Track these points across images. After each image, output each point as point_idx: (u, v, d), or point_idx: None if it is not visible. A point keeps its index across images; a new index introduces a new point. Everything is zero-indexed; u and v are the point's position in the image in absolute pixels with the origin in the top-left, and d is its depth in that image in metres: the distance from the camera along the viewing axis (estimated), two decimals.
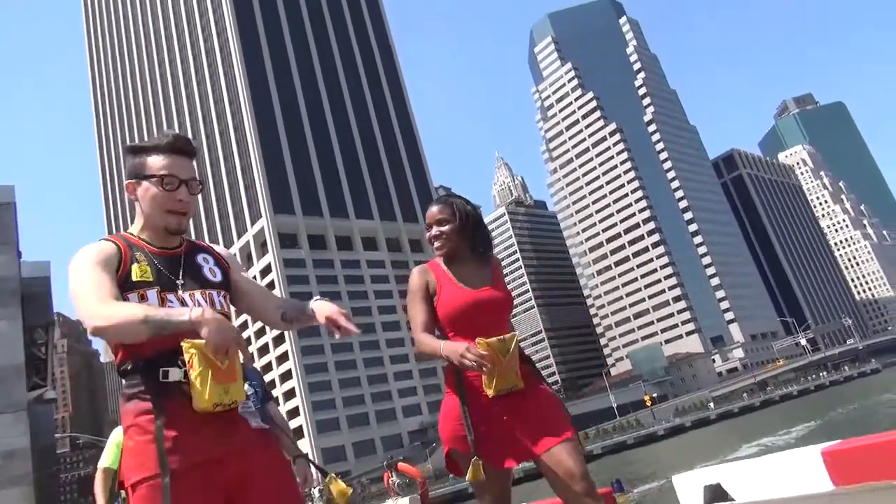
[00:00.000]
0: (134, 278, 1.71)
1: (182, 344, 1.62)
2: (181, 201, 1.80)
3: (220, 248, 1.99)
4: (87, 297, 1.63)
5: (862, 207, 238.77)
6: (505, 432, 2.21)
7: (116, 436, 3.65)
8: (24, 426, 7.53)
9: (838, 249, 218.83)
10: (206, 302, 1.78)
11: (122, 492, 1.74)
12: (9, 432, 7.32)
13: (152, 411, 1.61)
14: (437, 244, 2.39)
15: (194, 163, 1.88)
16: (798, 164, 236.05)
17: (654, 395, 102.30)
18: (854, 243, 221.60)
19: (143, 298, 1.69)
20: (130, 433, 1.65)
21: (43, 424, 11.58)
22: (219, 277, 1.87)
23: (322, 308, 1.80)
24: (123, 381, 1.71)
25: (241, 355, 1.66)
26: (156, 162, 1.80)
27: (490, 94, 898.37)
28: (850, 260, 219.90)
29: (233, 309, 1.93)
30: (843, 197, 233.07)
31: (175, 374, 1.63)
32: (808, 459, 2.70)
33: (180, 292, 1.75)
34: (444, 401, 2.35)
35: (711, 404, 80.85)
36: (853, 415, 34.10)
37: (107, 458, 3.62)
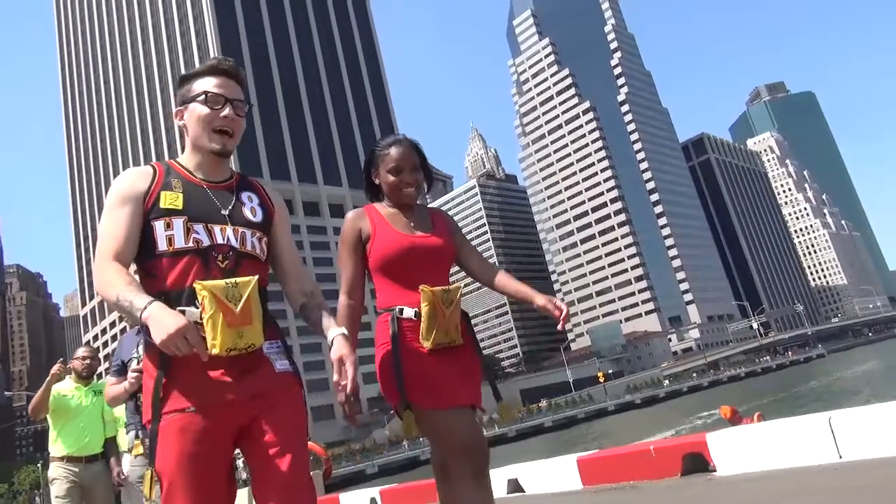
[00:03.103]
0: (161, 205, 1.69)
1: (194, 285, 1.62)
2: (226, 118, 1.78)
3: (271, 191, 1.95)
4: (98, 251, 1.66)
5: (824, 197, 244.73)
6: (434, 378, 2.11)
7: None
8: None
9: (798, 237, 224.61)
10: (237, 240, 1.73)
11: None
12: None
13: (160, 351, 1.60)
14: (409, 191, 2.27)
15: (240, 87, 1.86)
16: (765, 150, 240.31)
17: (611, 371, 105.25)
18: (813, 231, 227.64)
19: (168, 227, 1.67)
20: (146, 373, 1.68)
21: None
22: (258, 217, 1.82)
23: (338, 348, 1.74)
24: None
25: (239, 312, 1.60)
26: (201, 84, 1.80)
27: (467, 64, 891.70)
28: (808, 247, 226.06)
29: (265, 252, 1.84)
30: (806, 185, 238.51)
31: (192, 314, 1.61)
32: (565, 465, 3.57)
33: (209, 224, 1.71)
34: (376, 353, 2.22)
35: (667, 382, 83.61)
36: (778, 401, 36.00)
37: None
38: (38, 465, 62.70)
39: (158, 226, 1.68)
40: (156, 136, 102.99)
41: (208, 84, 1.80)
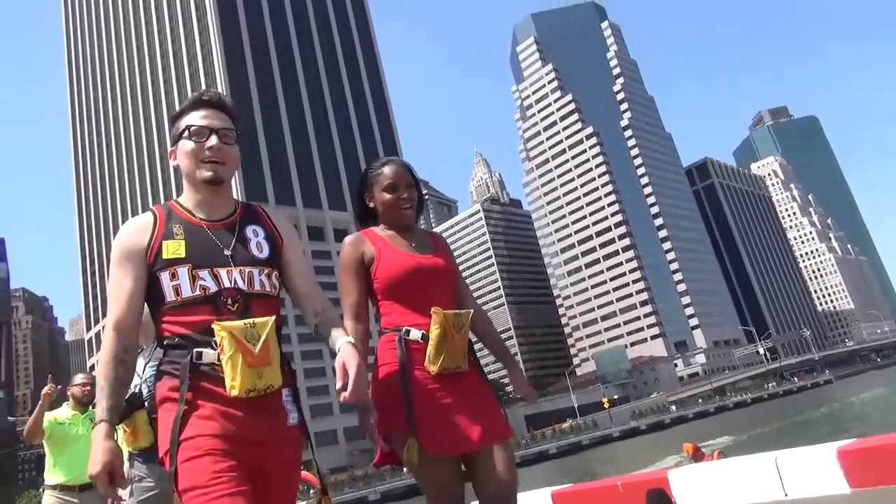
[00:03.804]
0: (164, 256, 1.68)
1: (213, 326, 1.60)
2: (212, 148, 1.75)
3: (278, 219, 1.90)
4: (108, 313, 1.69)
5: (829, 221, 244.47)
6: (445, 414, 2.01)
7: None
8: None
9: (803, 261, 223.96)
10: (244, 281, 1.69)
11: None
12: None
13: (179, 389, 1.60)
14: (408, 211, 2.22)
15: (227, 115, 1.83)
16: (769, 175, 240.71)
17: (616, 396, 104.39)
18: (819, 256, 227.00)
19: (173, 277, 1.66)
20: (166, 406, 1.64)
21: None
22: (265, 253, 1.78)
23: (343, 354, 1.69)
24: (162, 355, 1.69)
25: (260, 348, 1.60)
26: (187, 120, 1.79)
27: (471, 89, 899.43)
28: (814, 272, 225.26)
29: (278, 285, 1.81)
30: (811, 210, 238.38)
31: (209, 356, 1.60)
32: (540, 499, 3.69)
33: (214, 268, 1.68)
34: (376, 374, 2.12)
35: (673, 407, 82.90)
36: (776, 430, 35.73)
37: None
38: (40, 489, 62.40)
39: (164, 277, 1.66)
40: (163, 161, 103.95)
41: (193, 118, 1.78)
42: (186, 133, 1.77)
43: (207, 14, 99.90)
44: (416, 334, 2.08)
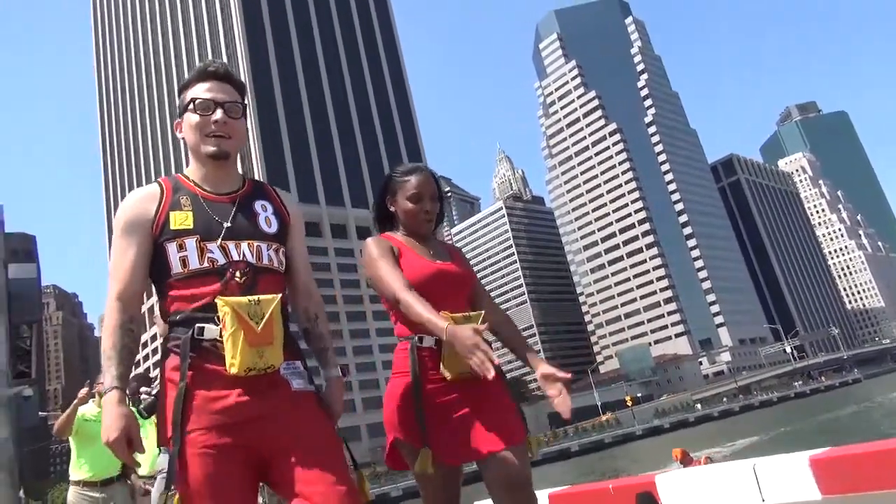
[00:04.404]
0: (172, 226, 1.65)
1: (216, 301, 1.57)
2: (217, 122, 1.72)
3: (287, 198, 1.87)
4: (109, 285, 1.65)
5: (859, 217, 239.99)
6: (457, 424, 2.00)
7: None
8: (3, 419, 8.62)
9: (832, 258, 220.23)
10: (253, 254, 1.67)
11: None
12: None
13: (180, 368, 1.57)
14: (428, 220, 2.22)
15: (234, 88, 1.79)
16: (797, 171, 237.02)
17: (640, 394, 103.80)
18: (848, 253, 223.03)
19: (181, 248, 1.63)
20: (166, 388, 1.62)
21: (27, 411, 12.68)
22: (273, 228, 1.76)
23: (331, 391, 1.72)
24: (168, 332, 1.65)
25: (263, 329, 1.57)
26: (192, 92, 1.76)
27: (494, 86, 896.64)
28: (843, 269, 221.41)
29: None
30: (840, 206, 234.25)
31: (211, 332, 1.58)
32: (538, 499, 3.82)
33: (222, 241, 1.65)
34: (390, 382, 2.15)
35: (698, 406, 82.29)
36: (800, 430, 35.34)
37: None
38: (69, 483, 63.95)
39: (171, 248, 1.63)
40: (189, 161, 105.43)
41: (198, 90, 1.74)
42: (192, 106, 1.74)
43: (232, 15, 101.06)
44: (429, 341, 2.06)
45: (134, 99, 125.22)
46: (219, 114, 1.72)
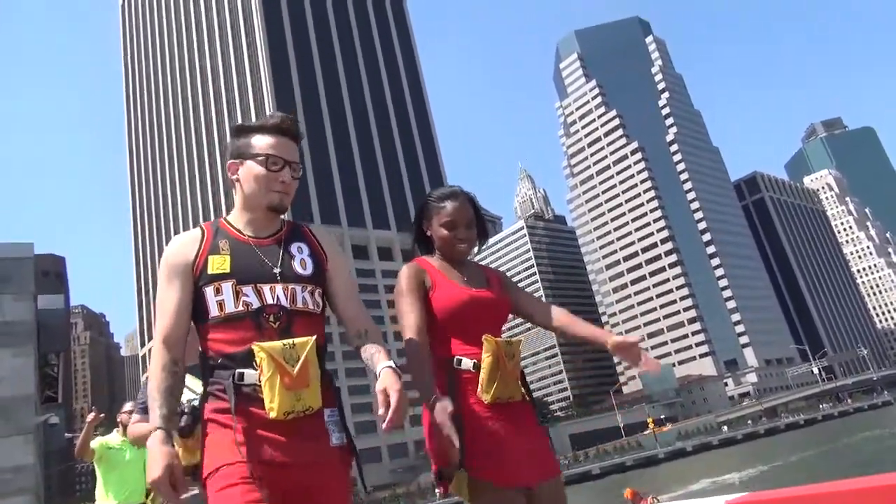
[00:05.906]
0: (209, 270, 1.69)
1: (253, 347, 1.61)
2: (283, 182, 1.77)
3: (323, 236, 1.91)
4: (155, 328, 1.71)
5: (888, 235, 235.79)
6: (501, 446, 2.00)
7: None
8: (31, 446, 9.09)
9: (861, 276, 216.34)
10: (287, 298, 1.71)
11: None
12: (18, 451, 8.89)
13: (229, 410, 1.61)
14: (462, 247, 2.22)
15: (297, 146, 1.85)
16: (823, 188, 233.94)
17: (664, 416, 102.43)
18: (878, 271, 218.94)
19: (217, 292, 1.67)
20: (210, 427, 1.65)
21: (53, 436, 13.22)
22: (309, 270, 1.79)
23: (384, 379, 1.66)
24: (209, 376, 1.70)
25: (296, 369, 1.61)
26: (261, 142, 1.78)
27: (515, 106, 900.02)
28: (872, 288, 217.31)
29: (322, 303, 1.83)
30: (868, 223, 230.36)
31: (250, 377, 1.61)
32: None
33: (258, 284, 1.69)
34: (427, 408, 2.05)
35: (725, 428, 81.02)
36: (819, 457, 34.81)
37: None
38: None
39: (209, 292, 1.68)
40: (213, 185, 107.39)
41: (268, 143, 1.78)
42: (262, 159, 1.76)
43: (258, 51, 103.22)
44: (467, 363, 2.06)
45: (162, 125, 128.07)
46: (286, 174, 1.78)
